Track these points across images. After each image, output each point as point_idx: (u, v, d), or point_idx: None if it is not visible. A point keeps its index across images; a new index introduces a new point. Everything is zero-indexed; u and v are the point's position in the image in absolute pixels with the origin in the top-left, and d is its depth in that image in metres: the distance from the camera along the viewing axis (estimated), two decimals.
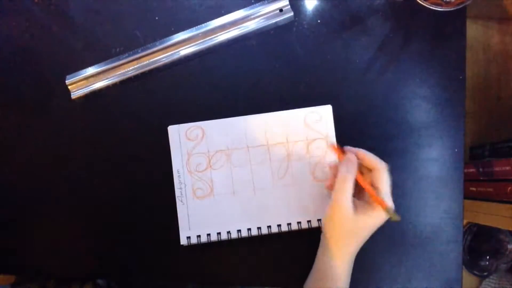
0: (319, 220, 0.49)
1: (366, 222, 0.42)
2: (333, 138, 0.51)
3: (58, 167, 0.52)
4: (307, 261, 0.48)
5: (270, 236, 0.50)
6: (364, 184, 0.42)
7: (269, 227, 0.49)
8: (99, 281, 0.87)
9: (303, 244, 0.49)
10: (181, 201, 0.50)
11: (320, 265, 0.46)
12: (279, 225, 0.50)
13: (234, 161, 0.50)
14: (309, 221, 0.50)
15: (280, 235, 0.50)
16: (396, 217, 0.41)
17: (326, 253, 0.45)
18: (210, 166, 0.51)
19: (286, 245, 0.50)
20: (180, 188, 0.50)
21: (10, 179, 0.52)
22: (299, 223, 0.49)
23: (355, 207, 0.42)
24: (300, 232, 0.49)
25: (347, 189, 0.42)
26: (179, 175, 0.50)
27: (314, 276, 0.46)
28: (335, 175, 0.43)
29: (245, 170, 0.50)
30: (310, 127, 0.51)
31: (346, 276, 0.45)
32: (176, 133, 0.51)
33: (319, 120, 0.51)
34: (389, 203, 0.42)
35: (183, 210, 0.50)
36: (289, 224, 0.50)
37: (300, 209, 0.50)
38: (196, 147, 0.51)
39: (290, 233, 0.50)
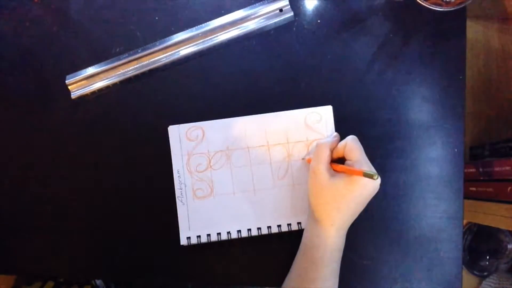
0: None
1: (344, 188, 0.42)
2: None
3: (58, 167, 0.52)
4: None
5: (270, 237, 0.50)
6: (336, 166, 0.44)
7: (269, 227, 0.49)
8: (98, 283, 0.87)
9: (295, 247, 0.49)
10: (181, 202, 0.50)
11: (306, 238, 0.46)
12: (279, 226, 0.50)
13: (235, 162, 0.50)
14: (299, 223, 0.49)
15: (280, 235, 0.50)
16: (375, 176, 0.40)
17: (311, 222, 0.45)
18: (210, 167, 0.51)
19: (286, 245, 0.50)
20: (180, 189, 0.50)
21: (10, 179, 0.52)
22: (299, 223, 0.49)
23: (333, 176, 0.43)
24: (300, 233, 0.49)
25: (322, 157, 0.44)
26: (179, 175, 0.50)
27: (300, 252, 0.46)
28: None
29: (245, 170, 0.50)
30: (310, 128, 0.51)
31: (334, 246, 0.44)
32: (176, 133, 0.51)
33: (319, 120, 0.51)
34: (364, 167, 0.42)
35: (183, 210, 0.50)
36: (289, 224, 0.49)
37: (300, 210, 0.50)
38: (196, 147, 0.51)
39: (290, 233, 0.50)
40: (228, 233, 0.49)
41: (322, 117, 0.51)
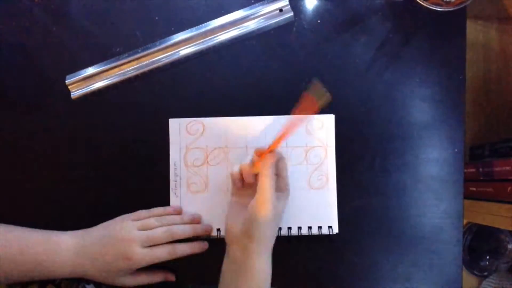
0: (309, 227, 0.49)
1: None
2: (332, 148, 0.50)
3: (57, 167, 0.52)
4: (297, 263, 0.48)
5: None
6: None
7: None
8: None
9: (294, 249, 0.50)
10: (175, 194, 0.50)
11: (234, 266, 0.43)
12: None
13: (232, 160, 0.50)
14: (299, 228, 0.49)
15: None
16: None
17: (245, 255, 0.42)
18: (207, 162, 0.51)
19: (280, 248, 0.49)
20: (175, 181, 0.50)
21: (10, 179, 0.52)
22: (289, 228, 0.49)
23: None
24: (288, 239, 0.49)
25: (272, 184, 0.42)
26: (176, 168, 0.50)
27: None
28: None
29: None
30: (311, 134, 0.51)
31: (267, 271, 0.43)
32: (177, 126, 0.51)
33: (320, 128, 0.51)
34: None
35: (176, 203, 0.50)
36: (279, 229, 0.49)
37: (292, 215, 0.49)
38: (195, 142, 0.51)
39: (279, 238, 0.49)
40: (218, 230, 0.49)
41: (324, 124, 0.51)
